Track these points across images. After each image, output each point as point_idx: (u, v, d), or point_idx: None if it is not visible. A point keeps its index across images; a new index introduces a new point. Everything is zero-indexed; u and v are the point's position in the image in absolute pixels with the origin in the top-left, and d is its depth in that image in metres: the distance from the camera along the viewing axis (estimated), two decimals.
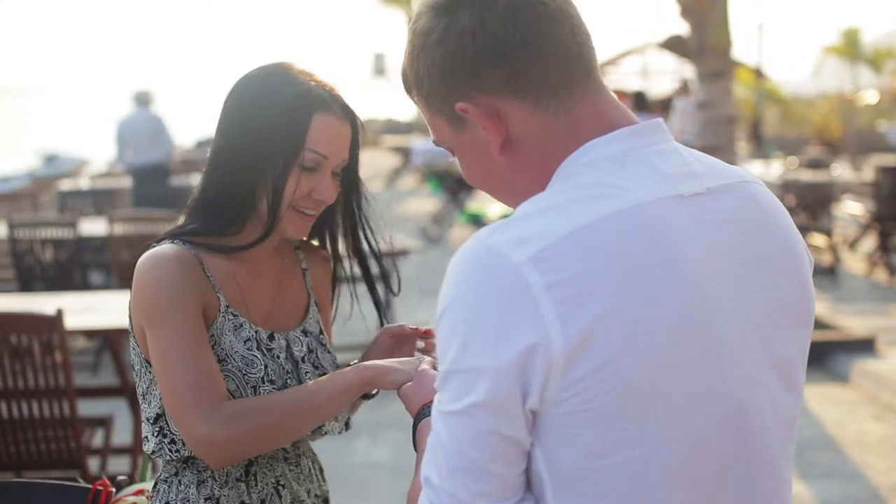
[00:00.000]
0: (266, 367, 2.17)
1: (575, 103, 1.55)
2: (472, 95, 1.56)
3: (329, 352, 2.32)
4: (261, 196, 2.15)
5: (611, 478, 1.44)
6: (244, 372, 2.14)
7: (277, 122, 2.12)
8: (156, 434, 2.16)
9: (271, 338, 2.21)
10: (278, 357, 2.20)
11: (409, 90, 1.67)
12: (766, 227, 1.60)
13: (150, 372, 2.15)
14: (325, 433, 2.27)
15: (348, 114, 2.20)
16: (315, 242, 2.42)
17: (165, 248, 2.14)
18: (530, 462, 1.46)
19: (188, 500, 2.18)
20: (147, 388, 2.17)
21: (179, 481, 2.19)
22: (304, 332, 2.29)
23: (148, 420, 2.18)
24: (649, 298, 1.42)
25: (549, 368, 1.39)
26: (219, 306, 2.16)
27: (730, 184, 1.59)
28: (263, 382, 2.16)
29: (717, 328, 1.48)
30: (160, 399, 2.14)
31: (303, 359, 2.25)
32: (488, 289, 1.42)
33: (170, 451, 2.15)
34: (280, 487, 2.24)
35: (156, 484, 2.23)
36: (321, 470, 2.39)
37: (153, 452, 2.17)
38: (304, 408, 2.08)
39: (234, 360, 2.15)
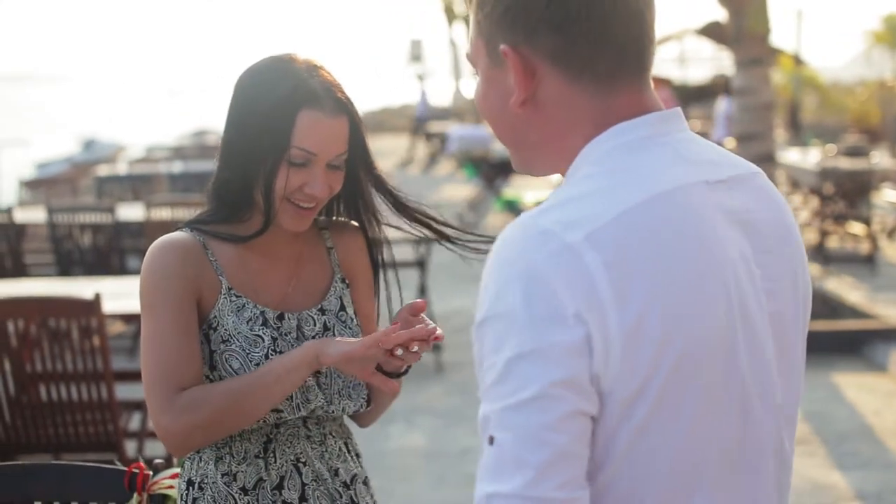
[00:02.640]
0: (272, 346, 2.22)
1: (614, 92, 1.59)
2: (518, 45, 1.58)
3: (350, 327, 2.33)
4: (256, 189, 2.22)
5: (657, 455, 1.47)
6: (247, 351, 2.20)
7: (267, 117, 2.17)
8: None
9: (280, 317, 2.26)
10: (286, 336, 2.25)
11: (470, 4, 1.68)
12: (776, 218, 1.64)
13: None
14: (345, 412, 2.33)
15: (342, 107, 2.21)
16: (342, 219, 2.43)
17: (169, 236, 2.25)
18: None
19: (206, 477, 2.25)
20: None
21: (200, 458, 2.27)
22: (322, 311, 2.31)
23: None
24: (693, 278, 1.46)
25: (609, 348, 1.41)
26: (220, 289, 2.23)
27: (742, 174, 1.63)
28: (267, 360, 2.20)
29: (749, 311, 1.53)
30: None
31: (314, 337, 2.26)
32: (544, 269, 1.42)
33: None
34: (300, 465, 2.27)
35: (183, 462, 2.30)
36: (357, 454, 2.39)
37: None
38: (254, 390, 2.14)
39: (237, 339, 2.21)
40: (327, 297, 2.33)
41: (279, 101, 2.17)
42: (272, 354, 2.20)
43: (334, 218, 2.42)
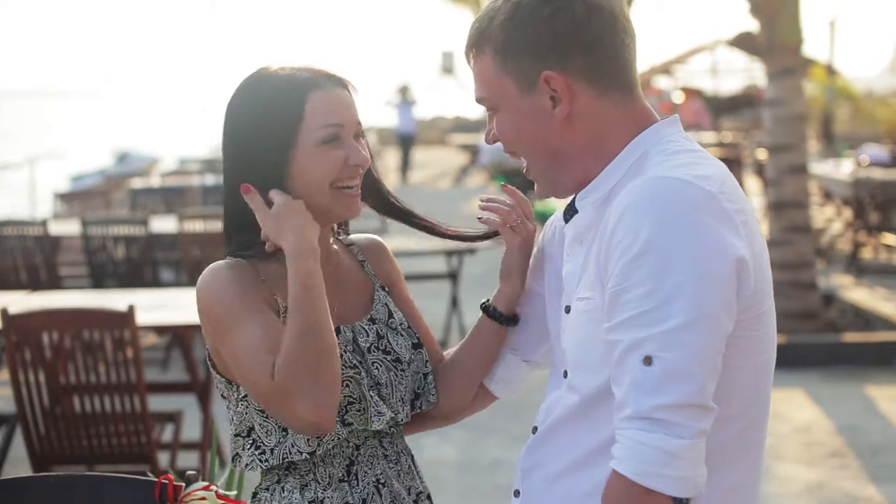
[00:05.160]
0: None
1: (631, 101, 1.93)
2: (554, 69, 1.87)
3: (403, 333, 2.30)
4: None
5: (748, 372, 1.82)
6: None
7: (278, 118, 2.13)
8: (248, 447, 2.18)
9: (337, 331, 2.19)
10: (346, 349, 2.20)
11: (479, 46, 1.95)
12: None
13: (237, 390, 2.17)
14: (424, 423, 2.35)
15: (340, 82, 2.20)
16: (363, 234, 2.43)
17: (219, 263, 2.18)
18: None
19: None
20: (236, 406, 2.19)
21: (282, 488, 2.20)
22: (372, 321, 2.28)
23: (240, 435, 2.20)
24: (757, 230, 1.84)
25: (748, 278, 1.75)
26: (279, 308, 2.16)
27: None
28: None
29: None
30: (251, 412, 2.17)
31: (369, 348, 2.23)
32: (699, 208, 1.72)
33: (261, 461, 2.16)
34: (380, 486, 2.23)
35: (255, 493, 2.24)
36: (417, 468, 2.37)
37: (247, 466, 2.18)
38: (303, 312, 2.05)
39: None
40: (374, 307, 2.31)
41: (283, 98, 2.13)
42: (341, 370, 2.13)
43: (353, 235, 2.40)
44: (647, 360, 1.69)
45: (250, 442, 2.18)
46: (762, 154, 13.61)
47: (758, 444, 1.90)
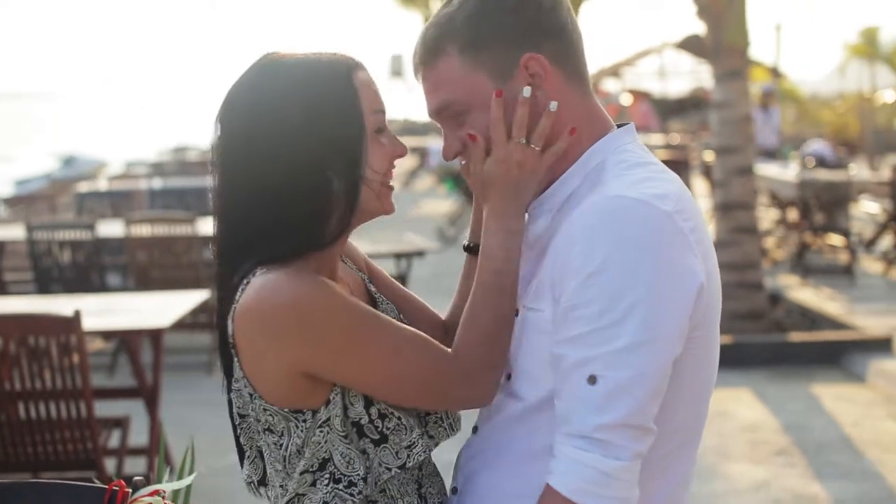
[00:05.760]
0: None
1: (589, 98, 1.93)
2: (533, 52, 1.86)
3: (391, 309, 2.15)
4: (332, 201, 1.91)
5: (692, 389, 1.83)
6: None
7: (333, 104, 1.89)
8: (324, 482, 1.89)
9: None
10: None
11: (438, 50, 1.89)
12: None
13: (302, 421, 1.88)
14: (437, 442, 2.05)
15: (361, 63, 1.98)
16: None
17: (281, 273, 1.85)
18: None
19: None
20: (303, 442, 1.89)
21: None
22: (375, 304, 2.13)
23: (308, 472, 1.90)
24: (710, 246, 1.83)
25: (703, 299, 1.75)
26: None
27: None
28: None
29: None
30: (332, 439, 1.88)
31: None
32: (656, 231, 1.72)
33: (350, 494, 1.89)
34: None
35: None
36: None
37: None
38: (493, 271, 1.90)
39: None
40: (380, 306, 2.13)
41: (334, 81, 1.89)
42: None
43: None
44: (592, 380, 1.69)
45: (327, 476, 1.89)
46: (709, 156, 13.73)
47: (693, 452, 1.93)
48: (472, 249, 2.13)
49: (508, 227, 1.90)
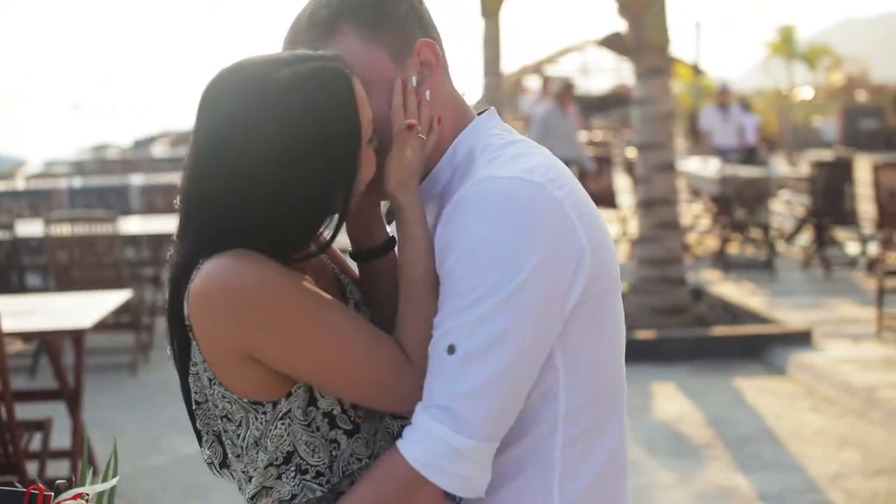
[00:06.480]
0: None
1: (453, 84, 1.95)
2: (425, 38, 1.88)
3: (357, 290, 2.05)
4: (330, 205, 1.82)
5: (597, 353, 1.82)
6: None
7: (338, 110, 1.78)
8: (290, 475, 1.84)
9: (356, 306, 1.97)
10: None
11: (333, 28, 1.84)
12: None
13: (262, 413, 1.82)
14: None
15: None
16: None
17: (236, 252, 1.77)
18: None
19: None
20: (261, 434, 1.83)
21: None
22: (357, 306, 1.99)
23: (273, 465, 1.84)
24: (591, 210, 1.80)
25: (585, 263, 1.73)
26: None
27: None
28: None
29: None
30: (294, 430, 1.82)
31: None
32: (531, 203, 1.70)
33: (319, 484, 1.85)
34: None
35: None
36: None
37: (294, 497, 1.84)
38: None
39: None
40: (348, 296, 2.01)
41: (334, 86, 1.78)
42: None
43: None
44: (451, 349, 1.69)
45: (293, 469, 1.84)
46: (632, 152, 13.85)
47: (618, 425, 1.91)
48: (369, 254, 1.98)
49: (420, 216, 1.84)
